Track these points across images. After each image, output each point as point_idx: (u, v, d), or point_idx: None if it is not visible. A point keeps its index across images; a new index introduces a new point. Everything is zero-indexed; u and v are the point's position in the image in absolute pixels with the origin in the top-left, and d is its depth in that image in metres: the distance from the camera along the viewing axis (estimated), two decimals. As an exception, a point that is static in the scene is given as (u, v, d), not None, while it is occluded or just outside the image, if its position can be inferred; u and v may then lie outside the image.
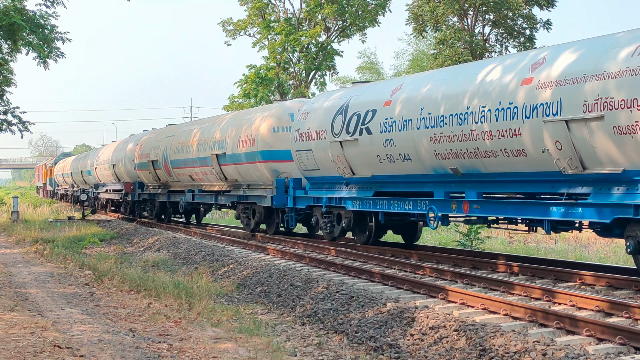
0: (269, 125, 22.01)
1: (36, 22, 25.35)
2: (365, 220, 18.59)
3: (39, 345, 8.67)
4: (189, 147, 27.51)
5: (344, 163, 17.98)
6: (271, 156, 21.83)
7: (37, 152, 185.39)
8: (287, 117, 21.95)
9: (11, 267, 18.67)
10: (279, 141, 21.73)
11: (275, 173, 21.75)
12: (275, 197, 21.16)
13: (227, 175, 24.53)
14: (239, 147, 23.19)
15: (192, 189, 28.10)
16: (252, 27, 51.95)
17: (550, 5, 42.17)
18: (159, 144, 31.17)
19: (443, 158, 14.88)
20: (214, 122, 26.80)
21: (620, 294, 11.66)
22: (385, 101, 16.53)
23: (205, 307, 12.61)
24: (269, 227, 23.17)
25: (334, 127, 18.15)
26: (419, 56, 67.47)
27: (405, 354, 9.54)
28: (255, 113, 23.69)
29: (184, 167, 28.24)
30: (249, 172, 22.89)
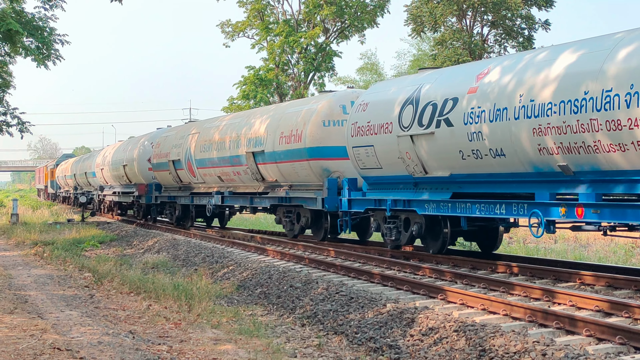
0: (317, 118, 19.75)
1: (35, 25, 25.36)
2: (439, 226, 16.19)
3: (39, 347, 8.67)
4: (218, 144, 25.19)
5: (415, 160, 15.78)
6: (321, 153, 19.64)
7: (36, 155, 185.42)
8: (338, 109, 19.84)
9: (11, 270, 18.66)
10: (330, 136, 19.62)
11: (325, 172, 19.62)
12: (327, 200, 18.99)
13: (265, 176, 22.35)
14: (280, 144, 21.01)
15: (220, 190, 25.70)
16: (251, 29, 51.99)
17: (549, 6, 42.19)
18: (181, 142, 28.94)
19: (549, 153, 12.60)
20: (248, 116, 24.52)
21: (619, 293, 11.66)
22: (470, 88, 14.24)
23: (205, 309, 12.61)
24: (316, 233, 21.15)
25: (402, 120, 15.93)
26: (420, 57, 67.50)
27: (405, 355, 9.54)
28: (300, 105, 21.45)
29: (211, 166, 25.93)
30: (293, 172, 20.69)
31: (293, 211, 21.42)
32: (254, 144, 22.45)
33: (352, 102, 19.14)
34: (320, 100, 20.37)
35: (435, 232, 16.27)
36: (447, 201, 15.08)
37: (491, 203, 13.96)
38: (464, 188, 15.05)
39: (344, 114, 19.49)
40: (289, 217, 21.65)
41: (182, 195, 29.44)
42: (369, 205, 17.67)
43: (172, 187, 30.94)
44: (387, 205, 16.77)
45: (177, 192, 30.17)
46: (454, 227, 15.92)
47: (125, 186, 38.15)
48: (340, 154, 19.12)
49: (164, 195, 31.83)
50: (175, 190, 30.40)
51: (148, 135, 36.10)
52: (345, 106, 19.66)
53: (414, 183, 16.28)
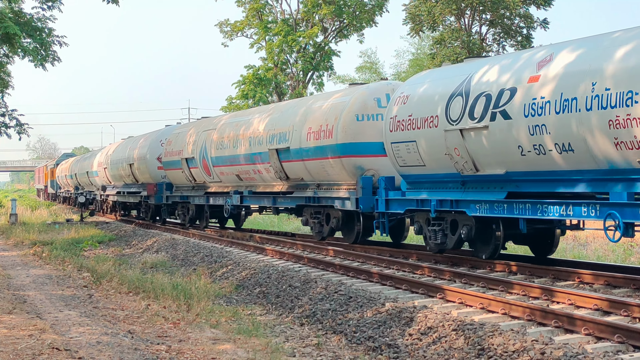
0: (350, 112, 18.24)
1: (33, 26, 25.37)
2: (490, 228, 14.75)
3: (38, 347, 8.66)
4: (237, 141, 23.68)
5: (465, 156, 14.43)
6: (354, 150, 18.15)
7: (35, 155, 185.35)
8: (372, 102, 18.29)
9: (9, 270, 18.66)
10: (364, 132, 18.14)
11: (358, 170, 18.14)
12: (362, 200, 17.55)
13: (290, 174, 20.87)
14: (308, 140, 19.54)
15: (239, 190, 24.23)
16: (249, 28, 52.01)
17: (547, 5, 42.20)
18: (195, 139, 27.29)
19: (628, 148, 11.33)
20: (270, 111, 23.00)
21: (618, 292, 11.67)
22: (530, 77, 12.96)
23: (203, 309, 12.61)
24: (347, 235, 19.63)
25: (449, 113, 14.60)
26: (419, 56, 67.49)
27: (404, 354, 9.54)
28: (330, 99, 19.87)
29: (229, 164, 24.39)
30: (323, 170, 19.23)
31: (322, 212, 19.93)
32: (278, 141, 21.04)
33: (387, 95, 18.09)
34: (353, 93, 18.88)
35: (486, 236, 14.88)
36: (502, 202, 13.77)
37: (556, 204, 12.64)
38: (522, 187, 13.70)
39: (379, 107, 18.18)
40: (317, 218, 20.16)
41: (196, 195, 27.84)
42: (410, 205, 16.25)
43: (184, 187, 29.34)
44: (432, 206, 15.35)
45: (190, 192, 28.56)
46: (506, 229, 14.62)
47: (131, 186, 36.53)
48: (375, 150, 17.93)
49: (176, 195, 30.06)
50: (188, 189, 28.80)
51: (157, 132, 34.50)
52: (380, 99, 18.30)
53: (462, 182, 14.97)
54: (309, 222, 20.58)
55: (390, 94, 17.74)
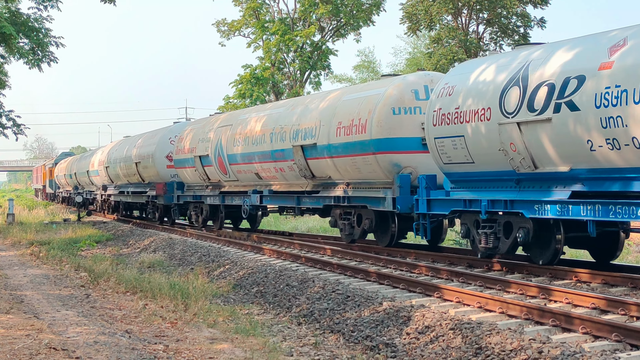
0: (386, 106, 16.88)
1: (30, 26, 25.36)
2: (549, 231, 13.43)
3: (35, 347, 8.65)
4: (257, 138, 22.26)
5: (522, 152, 13.15)
6: (390, 146, 16.77)
7: (32, 155, 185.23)
8: (409, 95, 16.96)
9: (7, 270, 18.64)
10: (400, 126, 16.81)
11: (395, 168, 16.81)
12: (399, 200, 16.24)
13: (316, 172, 19.55)
14: (338, 136, 18.22)
15: (257, 189, 22.85)
16: (246, 28, 52.00)
17: (544, 4, 42.22)
18: (210, 136, 25.75)
19: None
20: (294, 105, 21.56)
21: (616, 291, 11.68)
22: (601, 64, 11.78)
23: (201, 308, 12.61)
24: (381, 237, 18.30)
25: (505, 104, 13.35)
26: (416, 55, 67.51)
27: (402, 353, 9.54)
28: (362, 91, 18.62)
29: (247, 162, 22.96)
30: (354, 167, 17.91)
31: (352, 213, 18.55)
32: (303, 137, 19.64)
33: (425, 87, 16.98)
34: (388, 85, 17.47)
35: (544, 239, 13.60)
36: (566, 202, 12.51)
37: (632, 204, 11.40)
38: (590, 186, 12.39)
39: (417, 100, 16.93)
40: (347, 219, 18.72)
41: (210, 195, 26.23)
42: (456, 206, 14.93)
43: (197, 186, 27.79)
44: (482, 206, 14.03)
45: (204, 191, 26.94)
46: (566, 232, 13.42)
47: (137, 185, 34.99)
48: (413, 146, 16.71)
49: (188, 194, 28.41)
50: (202, 189, 27.21)
51: (165, 129, 32.96)
52: (418, 91, 17.02)
53: (517, 180, 13.64)
54: (337, 224, 19.26)
55: (429, 86, 16.87)
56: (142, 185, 33.89)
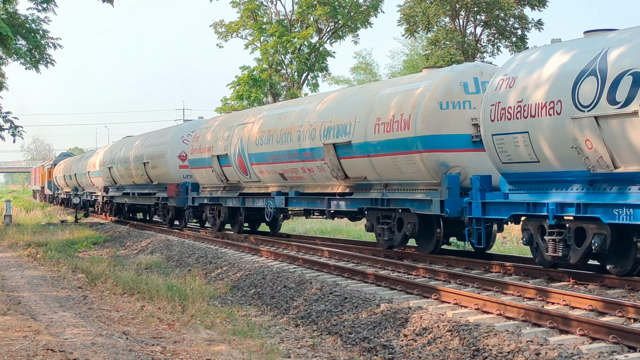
0: (432, 99, 15.51)
1: (28, 27, 25.36)
2: (628, 239, 12.14)
3: (32, 348, 8.64)
4: (283, 135, 20.84)
5: (600, 150, 11.83)
6: (437, 144, 15.43)
7: (29, 156, 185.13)
8: (458, 88, 15.62)
9: (4, 271, 18.62)
10: (448, 122, 15.46)
11: (441, 168, 15.49)
12: (448, 202, 14.91)
13: (350, 172, 18.14)
14: (376, 133, 16.76)
15: (282, 190, 21.39)
16: (244, 29, 51.94)
17: (542, 6, 42.26)
18: (229, 134, 24.17)
19: None
20: (323, 101, 20.00)
21: (613, 293, 11.69)
22: None
23: (198, 310, 12.60)
24: (424, 244, 16.85)
25: (578, 96, 12.03)
26: (413, 56, 67.57)
27: (399, 355, 9.54)
28: (403, 84, 17.13)
29: (271, 162, 21.48)
30: (394, 167, 16.51)
31: (392, 217, 16.98)
32: (336, 134, 18.21)
33: (474, 79, 15.71)
34: (433, 77, 16.10)
35: (623, 248, 12.30)
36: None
37: None
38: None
39: (466, 93, 15.60)
40: (386, 223, 17.14)
41: (229, 197, 24.64)
42: (517, 210, 13.53)
43: (213, 187, 26.22)
44: (549, 210, 12.66)
45: (221, 193, 25.39)
46: None
47: (144, 186, 33.41)
48: (462, 144, 15.44)
49: (204, 196, 26.69)
50: (219, 190, 25.71)
51: (177, 127, 31.44)
52: (467, 84, 15.69)
53: (590, 181, 12.29)
54: (374, 228, 17.68)
55: (479, 78, 15.71)
56: (150, 187, 32.46)
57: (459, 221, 15.25)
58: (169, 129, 32.33)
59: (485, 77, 15.53)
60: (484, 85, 15.21)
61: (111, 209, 41.37)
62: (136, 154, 33.62)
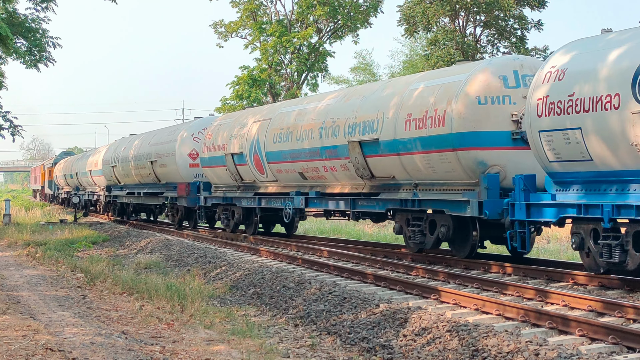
0: (469, 94, 14.62)
1: (27, 27, 25.38)
2: None
3: (31, 348, 8.64)
4: (303, 133, 19.80)
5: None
6: (474, 141, 14.47)
7: (28, 155, 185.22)
8: (497, 82, 14.65)
9: (3, 270, 18.60)
10: (487, 118, 14.51)
11: (479, 167, 14.52)
12: (488, 204, 13.98)
13: (376, 172, 17.14)
14: (407, 130, 15.77)
15: (301, 190, 20.42)
16: (244, 29, 51.98)
17: (541, 6, 42.29)
18: (244, 131, 23.19)
19: None
20: (347, 96, 19.03)
21: (612, 293, 11.68)
22: None
23: (197, 309, 12.59)
24: (458, 247, 15.80)
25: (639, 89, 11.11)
26: (412, 57, 67.60)
27: (398, 355, 9.54)
28: (436, 78, 16.08)
29: (290, 160, 20.53)
30: (427, 166, 15.54)
31: (424, 218, 16.01)
32: (362, 131, 17.23)
33: (514, 72, 14.78)
34: (471, 70, 15.14)
35: None
36: None
37: None
38: None
39: (506, 87, 14.66)
40: (417, 225, 16.18)
41: (243, 197, 23.61)
42: (566, 212, 12.57)
43: (227, 187, 25.19)
44: (605, 213, 11.69)
45: (235, 193, 24.31)
46: None
47: (151, 186, 32.29)
48: (501, 141, 14.50)
49: (216, 196, 25.63)
50: (233, 190, 24.64)
51: (187, 124, 30.03)
52: (507, 77, 14.74)
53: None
54: (403, 230, 16.72)
55: (519, 71, 14.81)
56: (157, 186, 31.41)
57: (495, 224, 14.45)
58: (179, 126, 31.25)
59: (526, 70, 14.80)
60: (524, 79, 14.63)
61: (114, 209, 40.44)
62: (143, 152, 32.60)
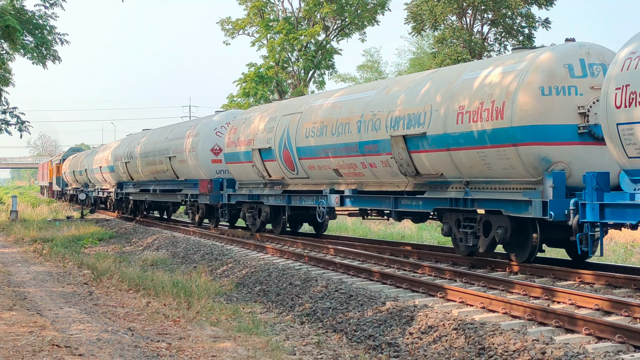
0: (532, 83, 13.28)
1: (35, 23, 25.39)
2: None
3: (38, 344, 8.65)
4: (339, 127, 18.55)
5: None
6: (538, 135, 13.17)
7: (35, 152, 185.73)
8: (562, 70, 13.33)
9: (10, 267, 18.65)
10: (552, 110, 13.21)
11: (542, 163, 13.24)
12: (553, 204, 12.70)
13: (421, 168, 15.91)
14: (458, 123, 14.53)
15: (335, 188, 19.38)
16: (251, 26, 51.96)
17: (549, 4, 42.19)
18: (273, 126, 21.97)
19: None
20: (388, 87, 17.62)
21: (619, 292, 11.66)
22: None
23: (204, 306, 12.61)
24: (517, 251, 14.45)
25: None
26: (419, 55, 67.57)
27: (405, 353, 9.53)
28: (492, 67, 14.66)
29: (324, 156, 19.22)
30: (482, 163, 14.30)
31: (478, 219, 14.76)
32: (406, 125, 15.98)
33: (581, 60, 13.50)
34: (532, 57, 13.78)
35: None
36: None
37: None
38: None
39: (571, 77, 13.37)
40: (469, 227, 14.96)
41: (272, 194, 22.36)
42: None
43: (252, 184, 23.96)
44: None
45: (262, 190, 23.05)
46: None
47: (168, 182, 30.92)
48: (567, 136, 13.23)
49: (241, 193, 24.35)
50: (259, 187, 23.39)
51: (209, 119, 28.59)
52: (573, 66, 13.43)
53: None
54: (452, 232, 15.47)
55: (585, 59, 13.53)
56: (175, 183, 30.04)
57: (554, 225, 13.28)
58: (199, 120, 29.88)
59: (593, 58, 13.57)
60: (592, 68, 13.47)
61: (126, 206, 39.20)
62: (159, 147, 31.28)
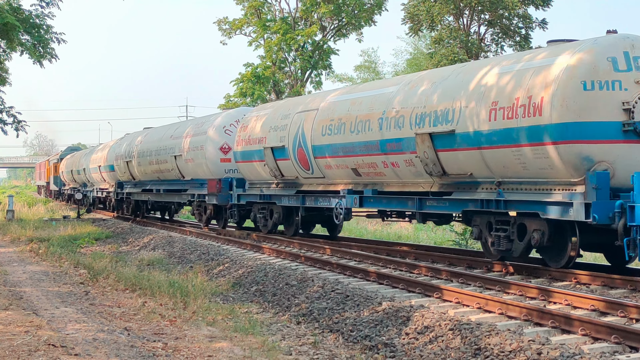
0: (573, 78, 12.44)
1: (32, 22, 25.37)
2: None
3: (34, 344, 8.65)
4: (358, 124, 17.64)
5: None
6: (579, 133, 12.35)
7: (32, 151, 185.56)
8: (606, 64, 12.49)
9: (6, 266, 18.63)
10: (595, 107, 12.36)
11: (584, 163, 12.37)
12: (596, 206, 11.88)
13: (449, 168, 15.08)
14: (491, 120, 13.69)
15: (354, 189, 18.51)
16: (248, 26, 51.94)
17: (546, 5, 42.22)
18: (286, 123, 21.15)
19: None
20: (413, 82, 16.68)
21: (615, 293, 11.68)
22: None
23: (200, 306, 12.60)
24: (552, 256, 13.63)
25: None
26: (416, 55, 67.60)
27: (401, 353, 9.54)
28: (527, 60, 13.72)
29: (342, 155, 18.35)
30: (517, 162, 13.45)
31: (512, 222, 13.90)
32: (432, 122, 15.14)
33: (625, 54, 12.65)
34: (572, 50, 12.94)
35: None
36: None
37: None
38: None
39: (615, 71, 12.50)
40: (502, 230, 14.08)
41: (285, 195, 21.62)
42: None
43: (263, 184, 23.13)
44: None
45: (275, 190, 22.38)
46: None
47: (173, 182, 30.10)
48: (610, 134, 12.37)
49: (252, 193, 23.60)
50: (272, 186, 22.66)
51: (217, 116, 27.56)
52: (616, 59, 12.56)
53: None
54: (483, 235, 14.64)
55: (630, 52, 12.70)
56: (181, 183, 29.25)
57: (594, 229, 12.54)
58: (206, 118, 28.86)
59: (637, 51, 12.79)
60: (637, 62, 12.68)
61: (128, 207, 38.13)
62: (164, 145, 30.47)
